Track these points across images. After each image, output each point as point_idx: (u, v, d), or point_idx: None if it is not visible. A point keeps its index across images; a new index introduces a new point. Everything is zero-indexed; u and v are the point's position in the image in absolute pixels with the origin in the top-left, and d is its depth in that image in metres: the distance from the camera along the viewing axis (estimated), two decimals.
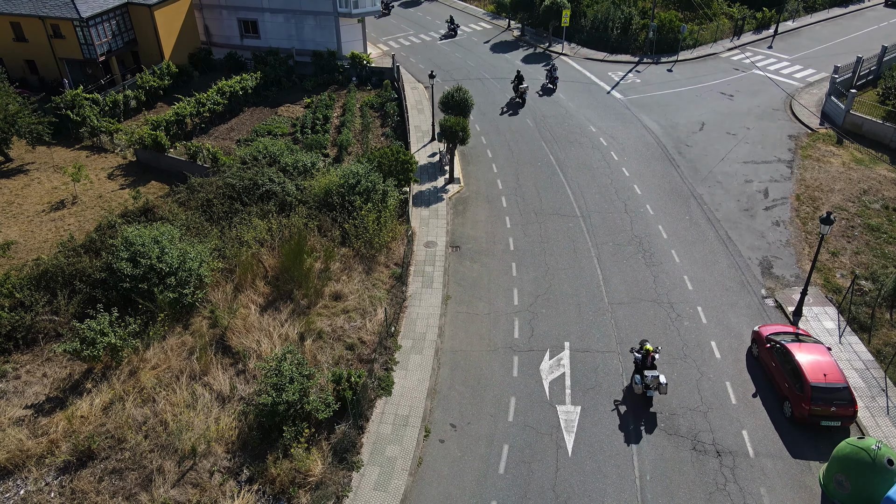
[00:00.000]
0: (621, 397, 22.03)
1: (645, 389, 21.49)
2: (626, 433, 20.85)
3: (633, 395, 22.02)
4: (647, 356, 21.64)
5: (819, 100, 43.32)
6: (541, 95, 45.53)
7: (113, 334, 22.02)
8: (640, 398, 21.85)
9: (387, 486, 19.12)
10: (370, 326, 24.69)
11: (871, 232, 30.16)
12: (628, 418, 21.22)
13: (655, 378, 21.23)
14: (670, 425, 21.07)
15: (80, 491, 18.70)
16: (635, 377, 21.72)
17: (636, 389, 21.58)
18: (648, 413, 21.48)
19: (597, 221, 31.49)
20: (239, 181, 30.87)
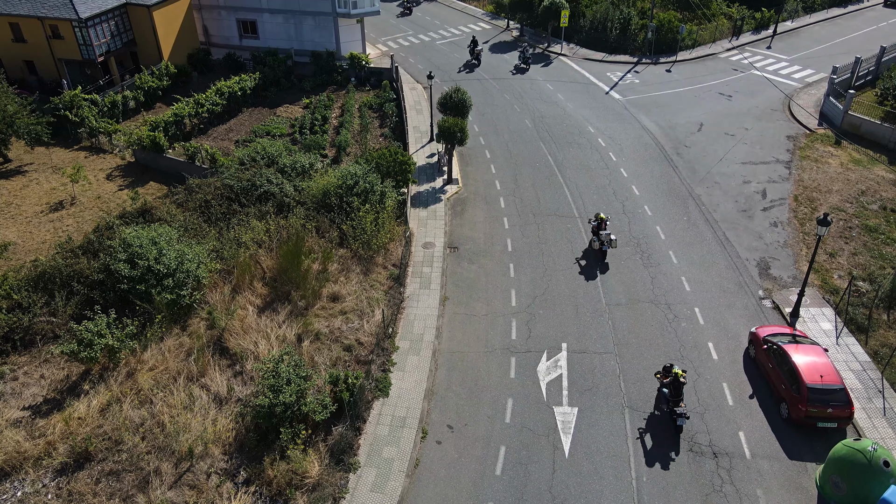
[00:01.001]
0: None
1: (601, 245, 28.24)
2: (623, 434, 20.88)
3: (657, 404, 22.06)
4: (601, 222, 28.47)
5: (817, 100, 43.33)
6: (513, 74, 48.87)
7: (110, 336, 22.06)
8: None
9: (384, 488, 19.15)
10: (368, 328, 24.71)
11: (869, 233, 30.18)
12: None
13: (608, 235, 28.03)
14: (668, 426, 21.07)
15: (78, 493, 18.73)
16: (593, 238, 28.75)
17: (594, 245, 28.61)
18: (604, 264, 28.37)
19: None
20: (237, 182, 30.90)
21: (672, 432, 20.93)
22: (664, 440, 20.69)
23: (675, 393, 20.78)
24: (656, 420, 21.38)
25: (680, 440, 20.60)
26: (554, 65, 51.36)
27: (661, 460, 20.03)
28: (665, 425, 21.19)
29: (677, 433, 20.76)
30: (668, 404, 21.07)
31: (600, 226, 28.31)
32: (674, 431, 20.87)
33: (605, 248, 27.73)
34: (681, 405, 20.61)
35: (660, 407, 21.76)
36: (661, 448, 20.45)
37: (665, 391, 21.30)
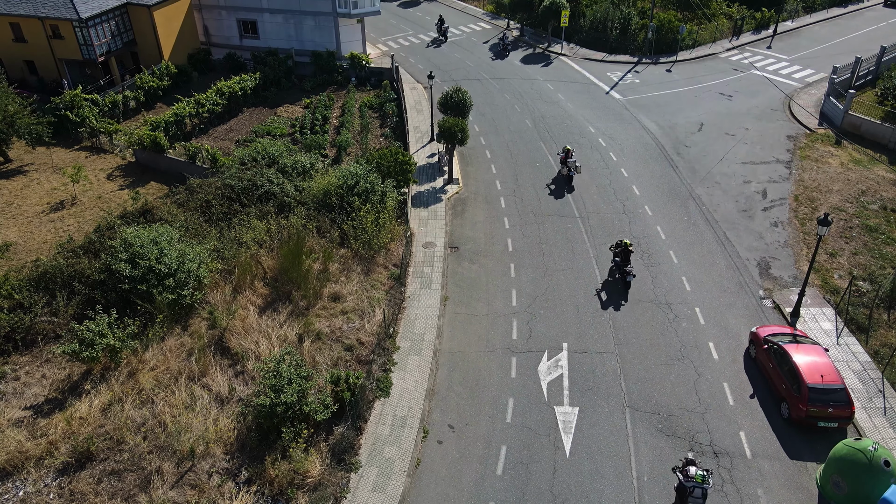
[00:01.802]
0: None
1: (568, 171, 34.03)
2: (624, 434, 20.92)
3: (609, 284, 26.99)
4: (567, 153, 34.27)
5: (818, 100, 43.36)
6: (493, 59, 52.32)
7: (112, 335, 22.07)
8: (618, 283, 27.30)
9: (385, 488, 19.17)
10: (369, 327, 24.73)
11: (869, 233, 30.21)
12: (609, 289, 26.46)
13: (573, 163, 33.93)
14: (668, 426, 21.13)
15: (79, 492, 18.74)
16: (561, 167, 34.74)
17: (562, 172, 34.69)
18: (570, 186, 34.03)
19: (595, 222, 31.53)
20: (238, 182, 30.91)
21: (622, 288, 26.98)
22: (616, 295, 26.90)
23: (624, 260, 26.78)
24: (610, 283, 27.60)
25: (629, 294, 26.82)
26: (554, 65, 51.40)
27: (662, 460, 20.05)
28: (618, 285, 27.23)
29: (626, 288, 26.81)
30: (619, 269, 26.95)
31: (567, 155, 34.48)
32: (623, 287, 26.96)
33: (572, 174, 34.45)
34: (628, 267, 26.58)
35: (613, 274, 27.85)
36: (613, 298, 26.66)
37: (617, 259, 27.22)
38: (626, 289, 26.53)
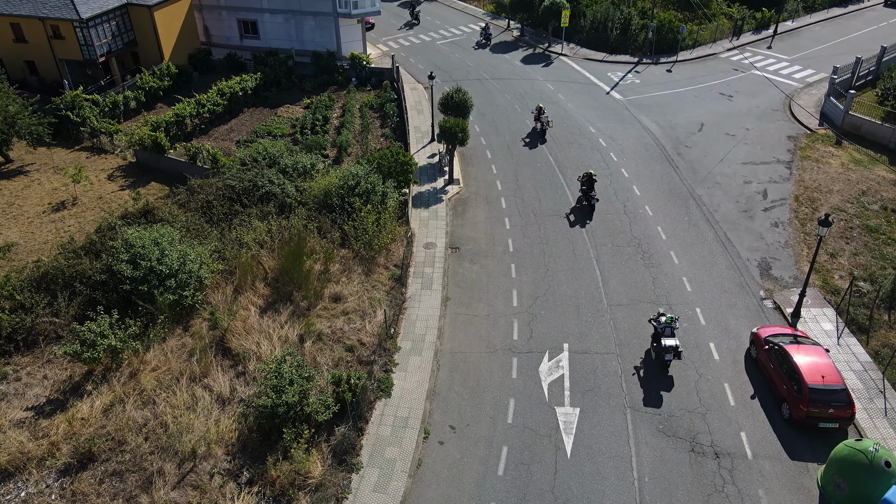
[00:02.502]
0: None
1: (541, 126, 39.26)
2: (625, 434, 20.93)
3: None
4: (540, 110, 39.20)
5: (818, 100, 43.37)
6: (475, 49, 54.84)
7: (113, 336, 22.09)
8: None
9: (386, 488, 19.20)
10: (370, 328, 24.75)
11: (870, 233, 30.22)
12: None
13: (546, 118, 39.08)
14: (669, 427, 21.15)
15: (81, 493, 18.77)
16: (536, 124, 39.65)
17: (536, 127, 39.72)
18: (544, 139, 37.80)
19: (596, 223, 31.54)
20: (239, 183, 30.93)
21: (588, 210, 31.83)
22: (583, 216, 31.70)
23: (588, 188, 31.80)
24: (578, 208, 32.44)
25: (593, 214, 31.67)
26: (555, 65, 51.41)
27: (663, 461, 20.06)
28: (584, 209, 32.13)
29: (591, 210, 31.62)
30: (585, 195, 31.88)
31: (540, 112, 39.11)
32: (588, 210, 31.79)
33: (545, 128, 38.97)
34: (592, 193, 31.60)
35: (580, 201, 32.69)
36: (579, 219, 31.24)
37: (584, 188, 31.97)
38: (591, 211, 31.94)
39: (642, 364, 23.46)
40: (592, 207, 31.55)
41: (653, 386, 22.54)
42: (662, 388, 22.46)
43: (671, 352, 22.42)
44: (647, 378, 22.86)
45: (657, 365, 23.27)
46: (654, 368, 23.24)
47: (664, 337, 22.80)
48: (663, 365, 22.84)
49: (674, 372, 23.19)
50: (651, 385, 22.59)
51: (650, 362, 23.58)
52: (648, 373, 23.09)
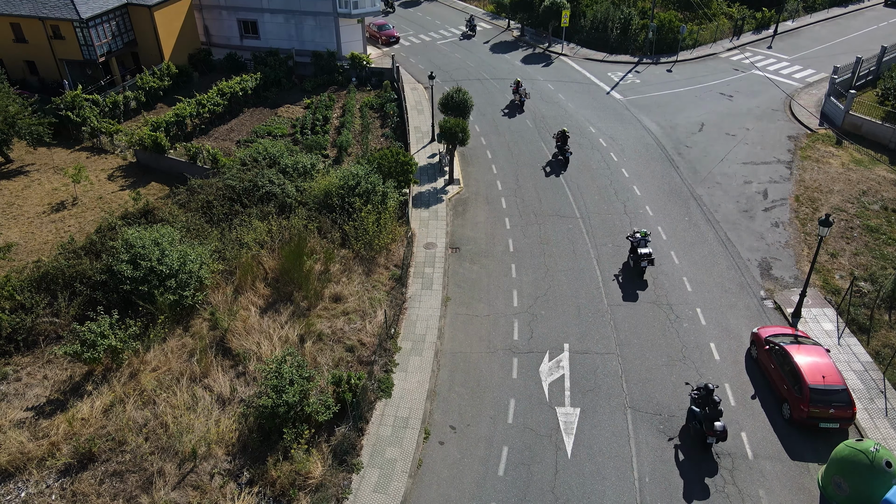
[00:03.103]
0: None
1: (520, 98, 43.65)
2: (625, 435, 20.91)
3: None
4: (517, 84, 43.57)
5: (818, 100, 43.36)
6: (461, 40, 57.41)
7: (113, 336, 22.09)
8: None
9: (386, 488, 19.18)
10: (370, 328, 24.74)
11: (870, 233, 30.21)
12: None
13: (524, 90, 43.87)
14: (670, 427, 21.12)
15: (81, 493, 18.76)
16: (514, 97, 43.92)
17: (515, 100, 43.77)
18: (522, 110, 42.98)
19: (596, 223, 31.54)
20: (239, 183, 30.92)
21: (563, 164, 36.46)
22: (558, 167, 36.31)
23: (563, 143, 36.10)
24: (552, 161, 36.95)
25: (568, 166, 36.09)
26: (555, 65, 51.40)
27: (664, 461, 20.05)
28: (559, 162, 36.62)
29: (566, 163, 36.36)
30: (560, 150, 36.26)
31: (518, 86, 43.33)
32: (564, 163, 36.50)
33: (523, 100, 43.24)
34: (566, 148, 36.04)
35: (556, 156, 37.38)
36: (555, 170, 35.91)
37: (558, 144, 36.36)
38: (566, 163, 36.32)
39: (621, 272, 28.18)
40: (567, 160, 36.48)
41: (629, 287, 27.35)
42: (638, 287, 27.30)
43: (645, 258, 27.15)
44: (625, 283, 27.62)
45: (634, 272, 28.03)
46: (631, 275, 28.05)
47: (640, 247, 27.53)
48: (640, 271, 27.73)
49: (674, 374, 23.18)
50: (628, 286, 27.38)
51: (628, 270, 28.31)
52: (626, 278, 27.87)
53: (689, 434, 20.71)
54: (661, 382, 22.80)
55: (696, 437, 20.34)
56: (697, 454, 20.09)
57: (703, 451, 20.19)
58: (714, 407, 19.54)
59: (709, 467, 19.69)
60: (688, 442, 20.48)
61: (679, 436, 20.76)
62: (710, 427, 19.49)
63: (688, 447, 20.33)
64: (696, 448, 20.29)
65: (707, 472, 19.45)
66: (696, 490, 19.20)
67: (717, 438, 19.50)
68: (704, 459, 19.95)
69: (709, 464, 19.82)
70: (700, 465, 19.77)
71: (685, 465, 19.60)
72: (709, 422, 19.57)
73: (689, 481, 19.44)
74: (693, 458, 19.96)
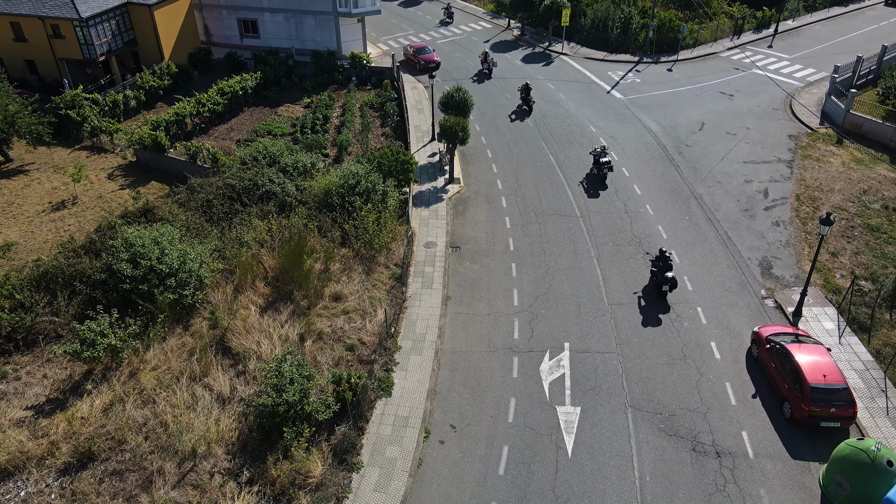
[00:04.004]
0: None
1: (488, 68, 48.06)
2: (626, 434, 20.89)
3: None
4: (486, 55, 47.74)
5: (819, 99, 43.32)
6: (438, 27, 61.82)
7: (113, 335, 22.05)
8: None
9: (387, 488, 19.15)
10: (370, 327, 24.71)
11: (871, 232, 30.17)
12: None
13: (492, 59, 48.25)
14: (670, 426, 21.10)
15: (81, 492, 18.73)
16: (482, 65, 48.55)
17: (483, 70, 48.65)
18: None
19: (597, 222, 31.50)
20: (239, 182, 30.89)
21: (527, 112, 41.96)
22: (522, 115, 41.06)
23: (526, 94, 42.02)
24: (517, 111, 42.89)
25: (532, 115, 41.02)
26: (555, 64, 51.35)
27: (664, 460, 20.03)
28: (523, 111, 42.37)
29: (530, 111, 41.63)
30: (524, 101, 42.31)
31: (486, 56, 48.41)
32: (528, 111, 42.01)
33: (492, 68, 48.45)
34: (528, 97, 42.07)
35: (520, 107, 43.02)
36: (519, 117, 41.07)
37: (522, 95, 42.30)
38: (530, 112, 41.22)
39: (585, 179, 34.68)
40: (531, 109, 42.03)
41: (594, 189, 33.39)
42: (600, 188, 33.90)
43: (605, 166, 33.60)
44: (589, 187, 33.93)
45: (597, 178, 34.53)
46: (595, 181, 34.48)
47: (601, 157, 33.90)
48: (602, 177, 34.19)
49: (675, 373, 23.15)
50: (592, 188, 33.61)
51: (592, 177, 34.82)
52: (590, 183, 34.38)
53: (649, 288, 26.97)
54: (662, 381, 22.77)
55: (653, 287, 26.71)
56: (655, 303, 26.24)
57: (659, 300, 26.27)
58: (665, 262, 25.96)
59: (663, 308, 25.98)
60: (649, 294, 26.81)
61: (642, 292, 26.99)
62: (663, 276, 25.67)
63: (648, 298, 26.53)
64: (654, 296, 26.53)
65: (662, 310, 25.84)
66: (696, 489, 19.16)
67: (670, 285, 25.72)
68: (661, 306, 26.11)
69: (663, 306, 26.09)
70: (599, 185, 34.04)
71: (646, 310, 25.86)
72: (661, 273, 25.85)
73: (690, 480, 19.42)
74: (652, 304, 26.18)
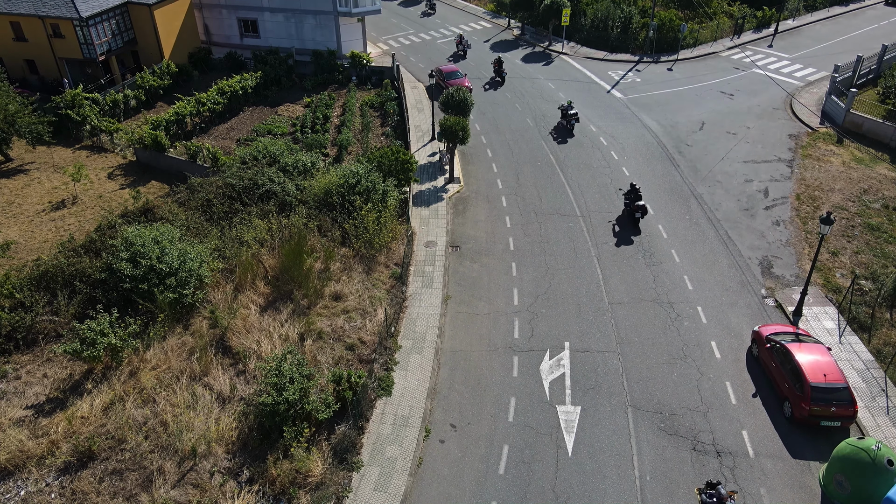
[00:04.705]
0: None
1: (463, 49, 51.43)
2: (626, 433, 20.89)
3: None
4: (461, 38, 50.56)
5: (819, 99, 43.30)
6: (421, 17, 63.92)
7: (113, 335, 22.04)
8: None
9: (387, 487, 19.14)
10: (370, 327, 24.70)
11: (872, 231, 30.16)
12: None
13: (465, 41, 51.78)
14: (670, 425, 21.09)
15: (81, 492, 18.72)
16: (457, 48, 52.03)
17: (459, 51, 51.65)
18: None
19: (597, 221, 31.49)
20: (239, 181, 30.88)
21: (498, 83, 46.90)
22: (494, 85, 47.37)
23: (499, 67, 46.55)
24: (491, 81, 48.78)
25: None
26: (555, 63, 51.33)
27: (665, 459, 20.02)
28: (496, 82, 47.31)
29: (502, 83, 46.59)
30: (497, 72, 46.62)
31: (461, 39, 51.56)
32: (501, 82, 46.87)
33: (466, 49, 51.86)
34: (501, 70, 46.66)
35: (494, 79, 47.33)
36: (492, 86, 46.55)
37: (495, 68, 46.62)
38: (502, 83, 46.09)
39: (555, 130, 39.50)
40: (503, 80, 47.03)
41: (561, 136, 38.58)
42: (567, 136, 39.03)
43: (572, 118, 38.85)
44: (557, 137, 38.56)
45: (566, 128, 39.24)
46: (563, 131, 39.17)
47: (568, 111, 39.03)
48: (569, 127, 38.93)
49: (675, 373, 23.14)
50: (560, 136, 38.75)
51: (561, 128, 39.41)
52: (558, 134, 39.03)
53: (623, 216, 31.48)
54: (662, 381, 22.76)
55: (626, 215, 31.30)
56: (628, 227, 30.74)
57: (633, 226, 30.71)
58: (635, 193, 30.48)
59: (635, 231, 30.55)
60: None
61: (616, 220, 31.32)
62: (635, 206, 30.30)
63: (622, 223, 31.13)
64: (627, 223, 31.01)
65: (634, 233, 30.44)
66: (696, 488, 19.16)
67: (641, 212, 30.32)
68: (633, 230, 30.59)
69: (636, 230, 30.64)
70: (566, 136, 39.11)
71: (620, 235, 30.25)
72: (633, 202, 30.45)
73: (690, 479, 19.41)
74: (625, 228, 30.62)
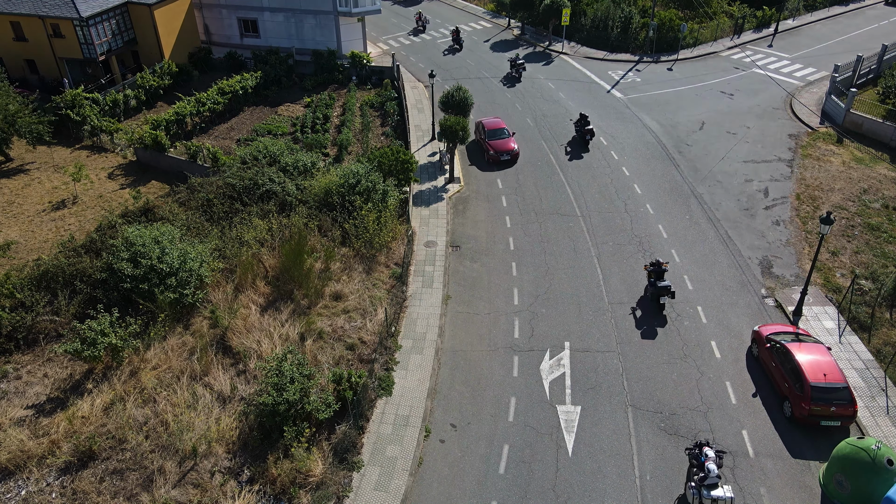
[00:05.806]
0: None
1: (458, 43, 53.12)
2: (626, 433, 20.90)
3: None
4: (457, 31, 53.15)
5: (819, 98, 43.31)
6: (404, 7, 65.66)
7: (113, 335, 22.07)
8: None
9: (387, 487, 19.16)
10: (370, 326, 24.72)
11: (872, 231, 30.17)
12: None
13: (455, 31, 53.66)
14: (670, 425, 21.11)
15: (82, 491, 18.74)
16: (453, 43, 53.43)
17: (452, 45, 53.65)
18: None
19: (597, 221, 31.51)
20: (239, 181, 30.89)
21: (515, 76, 46.98)
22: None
23: (456, 36, 49.26)
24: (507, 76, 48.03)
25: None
26: (555, 63, 51.34)
27: (665, 459, 20.04)
28: (453, 49, 49.08)
29: (460, 49, 48.52)
30: (455, 41, 49.64)
31: (420, 15, 56.71)
32: (459, 48, 48.94)
33: (426, 26, 55.58)
34: (460, 39, 49.95)
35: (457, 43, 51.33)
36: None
37: (452, 37, 50.24)
38: (460, 49, 48.68)
39: (570, 143, 38.69)
40: (461, 46, 50.32)
41: (562, 137, 39.61)
42: (581, 150, 37.87)
43: (588, 133, 37.35)
44: (557, 137, 40.72)
45: (579, 143, 38.51)
46: (575, 143, 38.89)
47: (584, 125, 37.79)
48: (584, 142, 37.72)
49: (675, 372, 23.16)
50: (560, 136, 39.80)
51: (575, 142, 38.63)
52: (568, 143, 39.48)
53: (574, 140, 36.79)
54: (662, 380, 22.78)
55: (578, 138, 36.67)
56: (580, 147, 35.86)
57: (583, 146, 36.31)
58: (584, 121, 36.96)
59: (584, 150, 35.83)
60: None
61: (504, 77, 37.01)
62: (585, 129, 36.54)
63: (573, 145, 36.71)
64: (579, 144, 36.41)
65: (581, 153, 35.21)
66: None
67: (590, 135, 36.53)
68: (584, 149, 35.53)
69: (585, 149, 36.01)
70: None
71: (572, 153, 34.89)
72: (583, 128, 36.34)
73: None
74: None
